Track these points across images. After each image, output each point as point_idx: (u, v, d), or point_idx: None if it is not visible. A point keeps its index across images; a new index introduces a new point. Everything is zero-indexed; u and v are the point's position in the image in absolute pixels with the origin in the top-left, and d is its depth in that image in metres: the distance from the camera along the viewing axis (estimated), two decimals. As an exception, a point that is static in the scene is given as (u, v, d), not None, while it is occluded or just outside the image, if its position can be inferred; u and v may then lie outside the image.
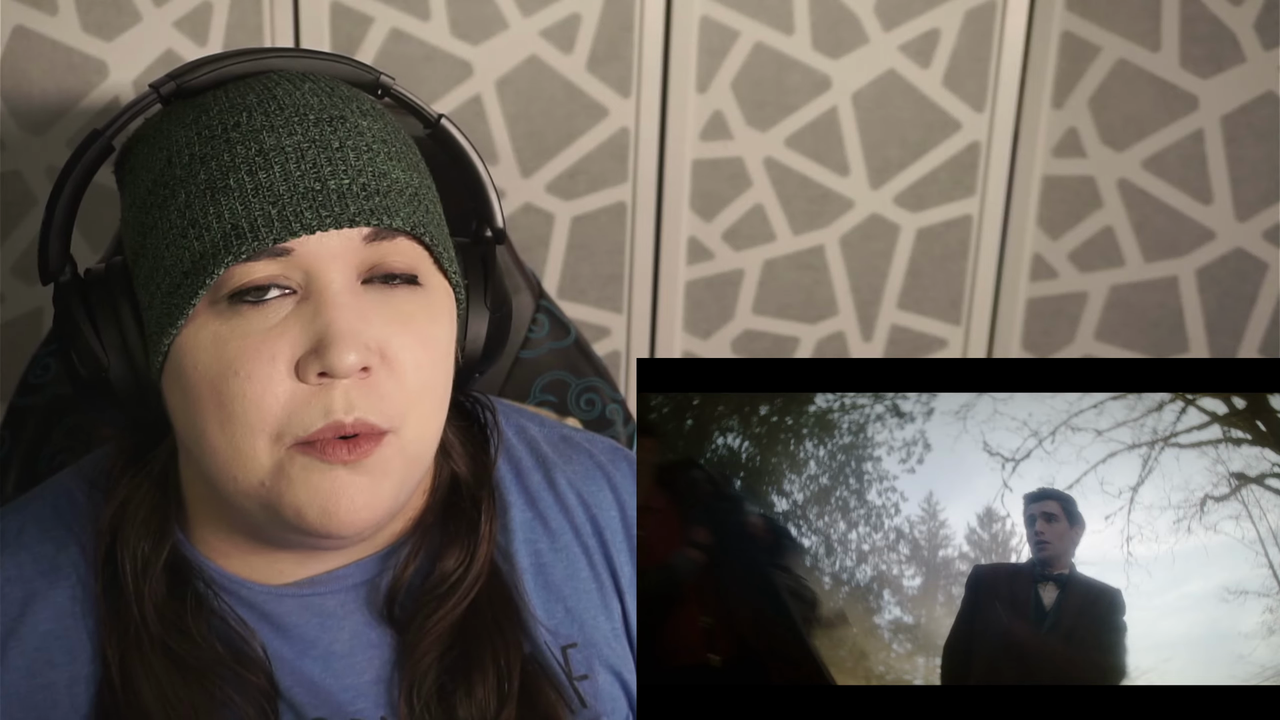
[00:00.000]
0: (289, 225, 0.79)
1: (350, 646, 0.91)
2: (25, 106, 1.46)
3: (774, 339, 1.72)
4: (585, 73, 1.57)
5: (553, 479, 0.99)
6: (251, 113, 0.82)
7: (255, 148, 0.80)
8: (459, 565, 0.91)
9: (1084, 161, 1.69)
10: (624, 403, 1.33)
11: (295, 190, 0.80)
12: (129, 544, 0.88)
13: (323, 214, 0.80)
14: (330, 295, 0.81)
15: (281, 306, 0.81)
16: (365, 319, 0.81)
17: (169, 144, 0.83)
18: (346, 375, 0.80)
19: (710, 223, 1.66)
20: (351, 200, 0.81)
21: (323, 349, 0.79)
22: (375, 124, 0.85)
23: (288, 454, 0.81)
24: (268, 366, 0.80)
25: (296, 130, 0.81)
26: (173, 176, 0.82)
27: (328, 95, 0.84)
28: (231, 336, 0.80)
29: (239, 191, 0.80)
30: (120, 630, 0.87)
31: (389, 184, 0.83)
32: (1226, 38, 1.63)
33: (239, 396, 0.80)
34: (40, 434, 1.18)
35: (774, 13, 1.59)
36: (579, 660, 0.94)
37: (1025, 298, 1.75)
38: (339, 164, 0.81)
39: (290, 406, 0.81)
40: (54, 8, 1.43)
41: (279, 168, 0.80)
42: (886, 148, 1.66)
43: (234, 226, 0.79)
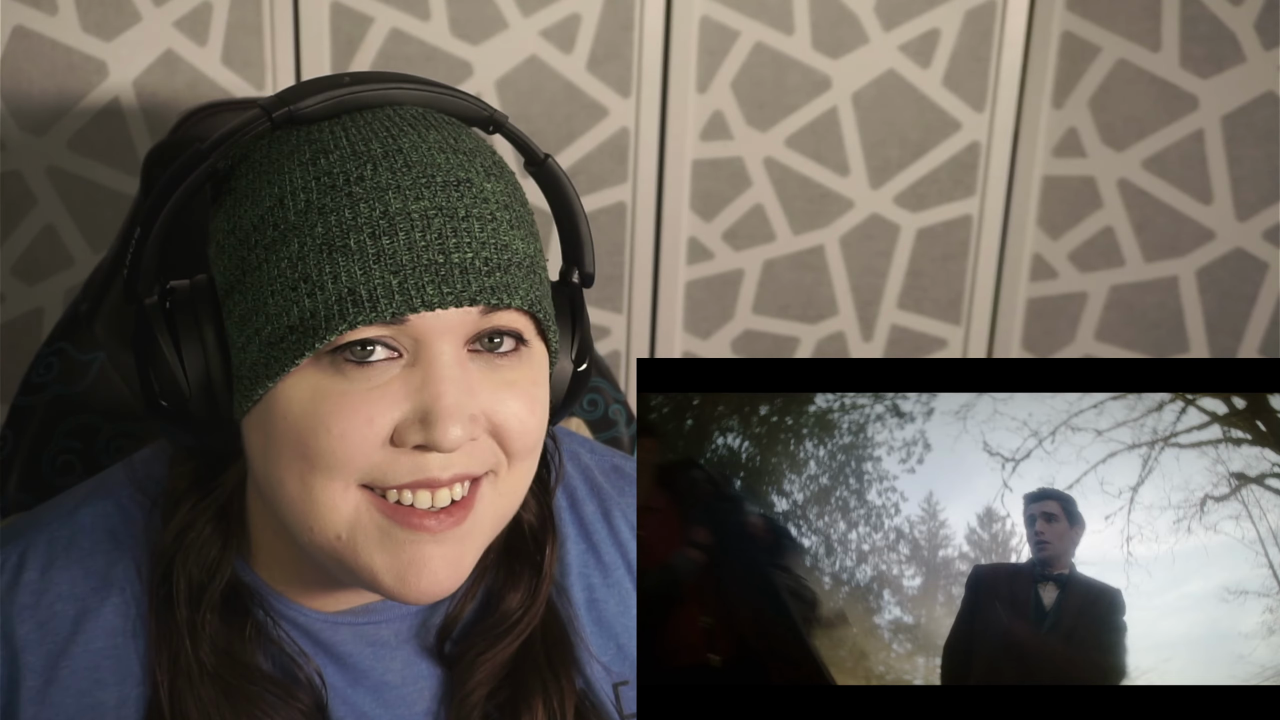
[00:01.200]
0: (409, 300, 0.76)
1: (402, 677, 0.90)
2: (25, 106, 1.46)
3: (774, 339, 1.72)
4: (585, 73, 1.57)
5: (608, 510, 0.98)
6: (377, 166, 0.78)
7: (380, 209, 0.77)
8: (521, 606, 0.90)
9: (1084, 161, 1.69)
10: (626, 403, 1.33)
11: (418, 262, 0.76)
12: (186, 571, 0.86)
13: (444, 290, 0.77)
14: (439, 367, 0.78)
15: (387, 370, 0.78)
16: (472, 392, 0.79)
17: (282, 181, 0.79)
18: (451, 449, 0.78)
19: (710, 223, 1.66)
20: (474, 277, 0.77)
21: (428, 424, 0.77)
22: (498, 186, 0.81)
23: (367, 505, 0.79)
24: (364, 428, 0.77)
25: (424, 195, 0.78)
26: (285, 220, 0.78)
27: (453, 151, 0.80)
28: (331, 392, 0.77)
29: (360, 255, 0.76)
30: (170, 656, 0.85)
31: (509, 257, 0.79)
32: (1226, 38, 1.63)
33: (326, 453, 0.78)
34: (42, 434, 1.18)
35: (774, 13, 1.59)
36: (630, 698, 0.94)
37: (1025, 298, 1.75)
38: (463, 235, 0.78)
39: (382, 464, 0.78)
40: (54, 8, 1.43)
41: (404, 235, 0.76)
42: (886, 148, 1.66)
43: (351, 291, 0.76)
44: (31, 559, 0.88)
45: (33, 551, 0.88)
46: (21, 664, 0.85)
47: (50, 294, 1.52)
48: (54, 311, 1.52)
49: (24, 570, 0.87)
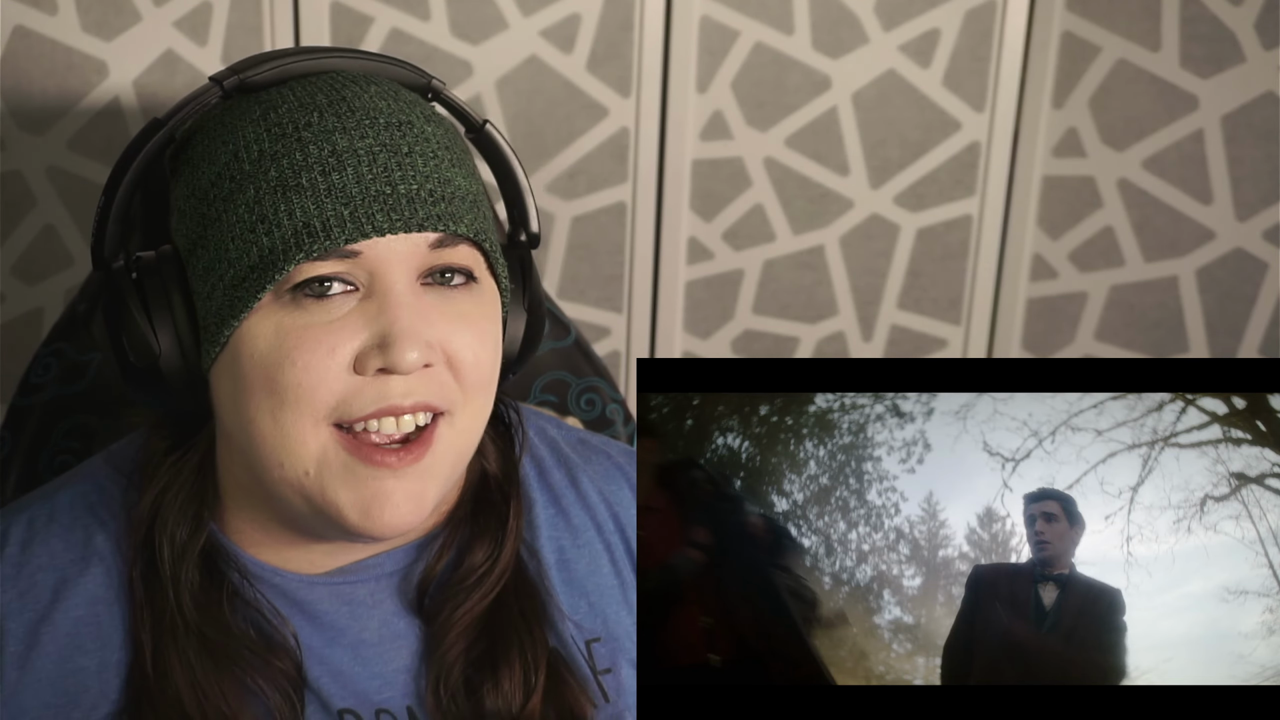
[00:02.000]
0: (360, 227, 0.81)
1: (379, 635, 0.92)
2: (25, 106, 1.45)
3: (774, 339, 1.72)
4: (585, 73, 1.57)
5: (575, 477, 1.00)
6: (323, 113, 0.83)
7: (328, 148, 0.82)
8: (487, 558, 0.93)
9: (1084, 161, 1.69)
10: (624, 403, 1.33)
11: (367, 193, 0.82)
12: (167, 530, 0.89)
13: (393, 218, 0.82)
14: (395, 295, 0.82)
15: (345, 302, 0.82)
16: (427, 319, 0.83)
17: (235, 138, 0.84)
18: (409, 371, 0.82)
19: (710, 223, 1.66)
20: (420, 205, 0.83)
21: (386, 346, 0.81)
22: (439, 130, 0.86)
23: (333, 441, 0.83)
24: (326, 359, 0.82)
25: (368, 134, 0.83)
26: (240, 171, 0.83)
27: (394, 99, 0.86)
28: (293, 326, 0.82)
29: (311, 191, 0.81)
30: (155, 616, 0.88)
31: (453, 190, 0.84)
32: (1226, 38, 1.63)
33: (293, 386, 0.82)
34: (41, 434, 1.18)
35: (774, 13, 1.59)
36: (602, 655, 0.96)
37: (1025, 298, 1.75)
38: (408, 169, 0.83)
39: (345, 395, 0.82)
40: (54, 8, 1.43)
41: (352, 170, 0.82)
42: (886, 148, 1.66)
43: (305, 225, 0.81)
44: (13, 536, 0.91)
45: (14, 529, 0.92)
46: (4, 631, 0.88)
47: (50, 294, 1.52)
48: (54, 311, 1.52)
49: (5, 546, 0.91)
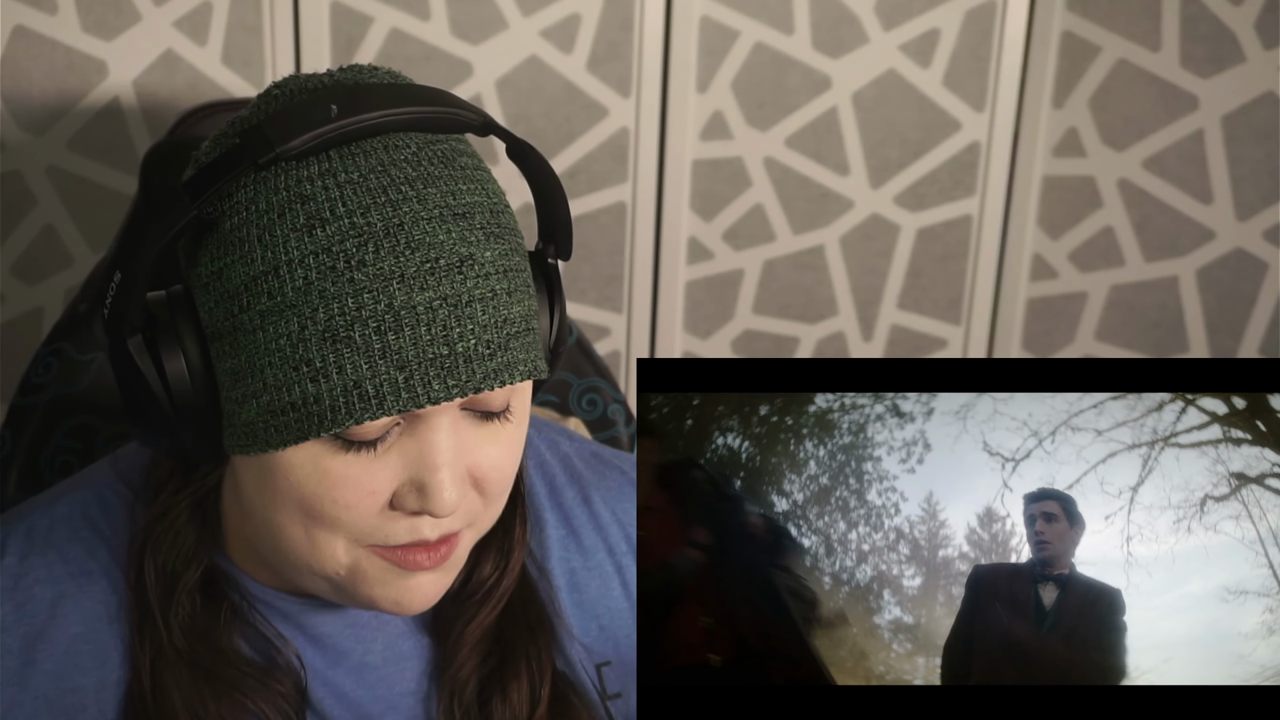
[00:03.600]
0: (415, 397, 0.76)
1: (384, 658, 0.91)
2: (25, 106, 1.45)
3: (774, 339, 1.72)
4: (585, 73, 1.57)
5: (587, 496, 0.99)
6: (379, 248, 0.76)
7: (385, 302, 0.76)
8: (494, 570, 0.92)
9: (1084, 161, 1.69)
10: (626, 403, 1.33)
11: (424, 357, 0.76)
12: (158, 559, 0.87)
13: (449, 384, 0.77)
14: (439, 440, 0.79)
15: (388, 439, 0.79)
16: (464, 453, 0.80)
17: (275, 246, 0.76)
18: (447, 515, 0.80)
19: (710, 223, 1.66)
20: (478, 364, 0.78)
21: (427, 493, 0.79)
22: (498, 249, 0.80)
23: (366, 554, 0.81)
24: (366, 499, 0.79)
25: (429, 284, 0.77)
26: (282, 294, 0.76)
27: (454, 219, 0.78)
28: (334, 466, 0.78)
29: (365, 350, 0.76)
30: (151, 638, 0.87)
31: (508, 331, 0.79)
32: (1226, 38, 1.63)
33: (330, 518, 0.80)
34: (41, 434, 1.18)
35: (774, 13, 1.59)
36: (613, 679, 0.95)
37: (1025, 298, 1.75)
38: (466, 323, 0.77)
39: (381, 527, 0.80)
40: (54, 8, 1.43)
41: (409, 330, 0.76)
42: (886, 148, 1.65)
43: (356, 385, 0.76)
44: (11, 546, 0.89)
45: (12, 539, 0.90)
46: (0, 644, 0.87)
47: (50, 294, 1.52)
48: (54, 311, 1.52)
49: (4, 556, 0.89)
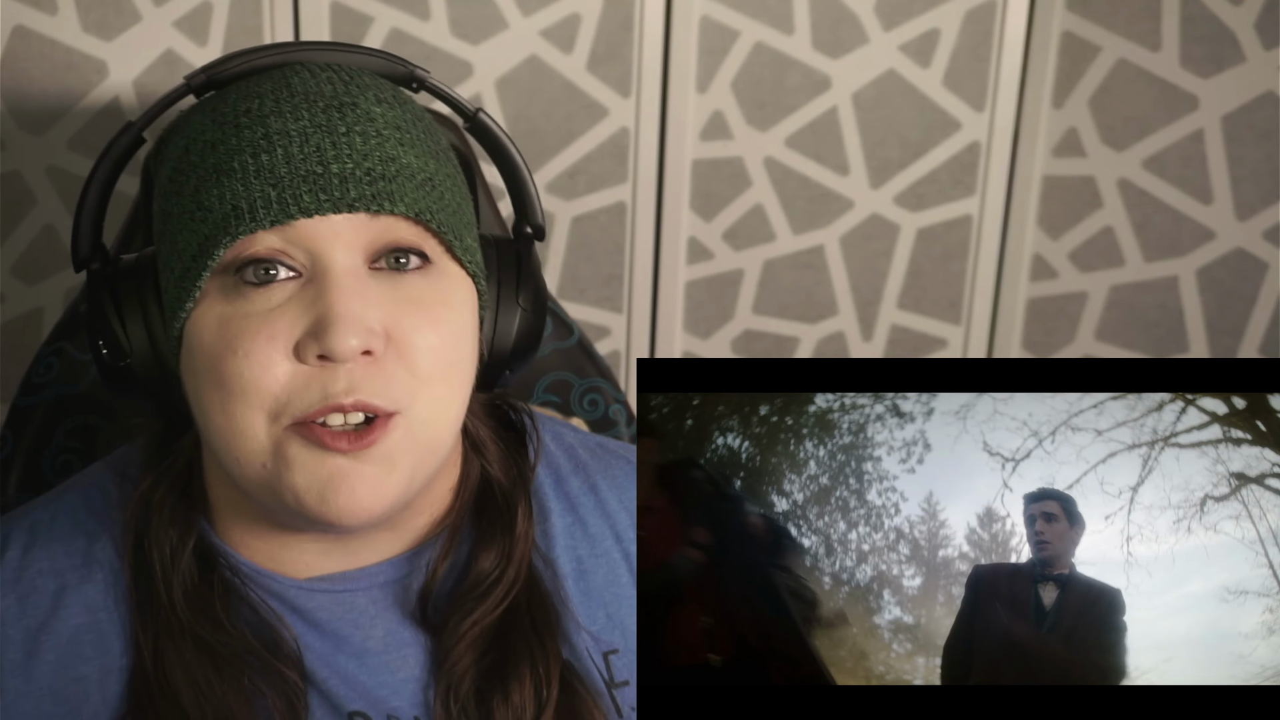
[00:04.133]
0: (286, 208, 0.79)
1: (384, 644, 0.90)
2: (25, 106, 1.46)
3: (774, 339, 1.72)
4: (585, 73, 1.57)
5: (593, 484, 0.98)
6: (263, 99, 0.83)
7: (260, 131, 0.81)
8: (495, 567, 0.91)
9: (1084, 161, 1.69)
10: (627, 403, 1.33)
11: (295, 173, 0.80)
12: (156, 532, 0.88)
13: (321, 198, 0.80)
14: (332, 277, 0.80)
15: (285, 289, 0.81)
16: (369, 302, 0.81)
17: (188, 132, 0.84)
18: (346, 359, 0.80)
19: (710, 223, 1.66)
20: (353, 185, 0.81)
21: (321, 331, 0.79)
22: (391, 111, 0.84)
23: (285, 434, 0.81)
24: (266, 346, 0.80)
25: (303, 115, 0.82)
26: (188, 163, 0.83)
27: (344, 83, 0.84)
28: (234, 315, 0.81)
29: (241, 174, 0.80)
30: (153, 617, 0.87)
31: (396, 169, 0.82)
32: (1226, 38, 1.63)
33: (237, 375, 0.80)
34: (43, 434, 1.18)
35: (774, 13, 1.59)
36: (620, 666, 0.94)
37: (1025, 298, 1.75)
38: (343, 148, 0.81)
39: (289, 387, 0.80)
40: (54, 8, 1.43)
41: (281, 150, 0.80)
42: (886, 148, 1.66)
43: (234, 208, 0.80)
44: (14, 540, 0.91)
45: (15, 534, 0.91)
46: (4, 638, 0.87)
47: (50, 294, 1.52)
48: (54, 311, 1.52)
49: (7, 550, 0.90)
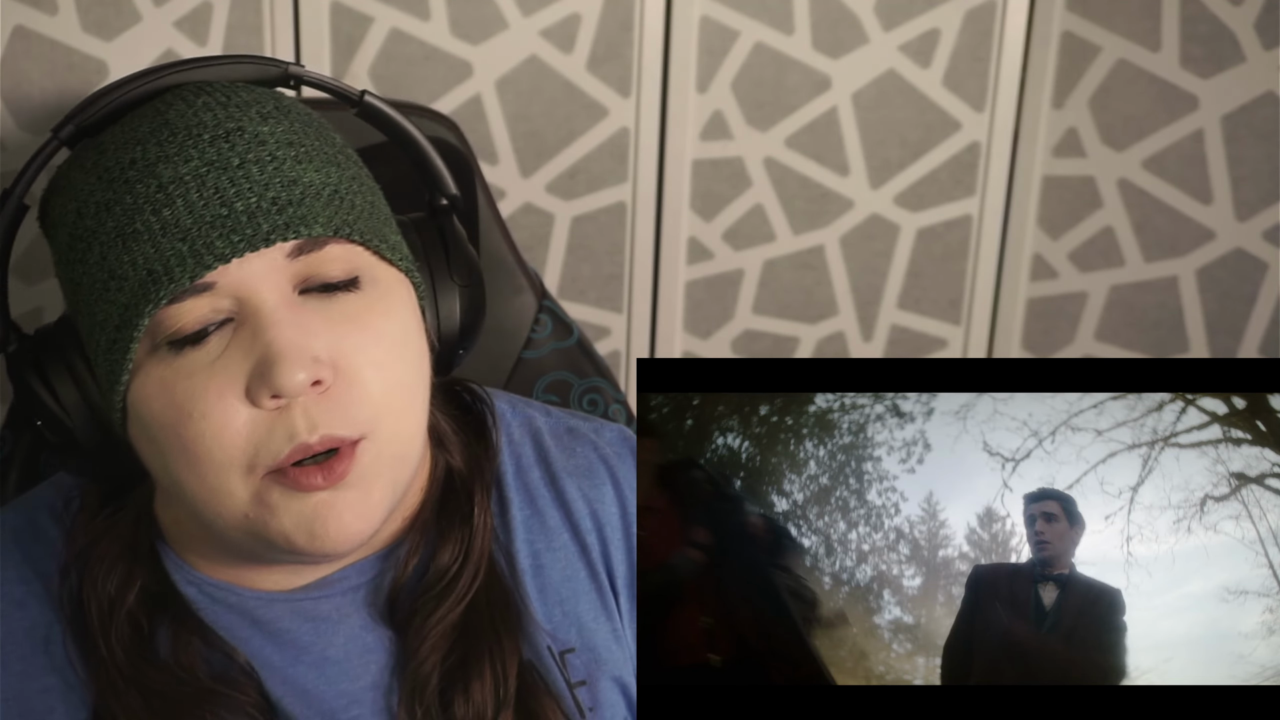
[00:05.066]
0: (201, 259, 0.76)
1: (345, 652, 0.88)
2: (25, 106, 1.45)
3: (774, 339, 1.72)
4: (585, 73, 1.57)
5: (553, 474, 0.96)
6: (145, 145, 0.78)
7: (154, 184, 0.77)
8: (454, 560, 0.89)
9: (1084, 161, 1.69)
10: (627, 403, 1.33)
11: (201, 221, 0.76)
12: (95, 585, 0.86)
13: (234, 239, 0.76)
14: (265, 315, 0.77)
15: (221, 338, 0.78)
16: (308, 331, 0.78)
17: (76, 194, 0.80)
18: (297, 394, 0.77)
19: (710, 223, 1.66)
20: (264, 218, 0.77)
21: (267, 371, 0.76)
22: (279, 127, 0.81)
23: (264, 484, 0.79)
24: (219, 402, 0.77)
25: (192, 155, 0.77)
26: (85, 229, 0.79)
27: (222, 106, 0.80)
28: (177, 379, 0.78)
29: (147, 234, 0.76)
30: (93, 668, 0.85)
31: (301, 190, 0.79)
32: (1226, 38, 1.63)
33: (200, 437, 0.78)
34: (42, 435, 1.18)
35: (774, 13, 1.59)
36: (578, 666, 0.93)
37: (1025, 298, 1.75)
38: (242, 182, 0.77)
39: (254, 436, 0.78)
40: (54, 8, 1.43)
41: (181, 200, 0.76)
42: (886, 148, 1.66)
43: (149, 272, 0.76)
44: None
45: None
46: None
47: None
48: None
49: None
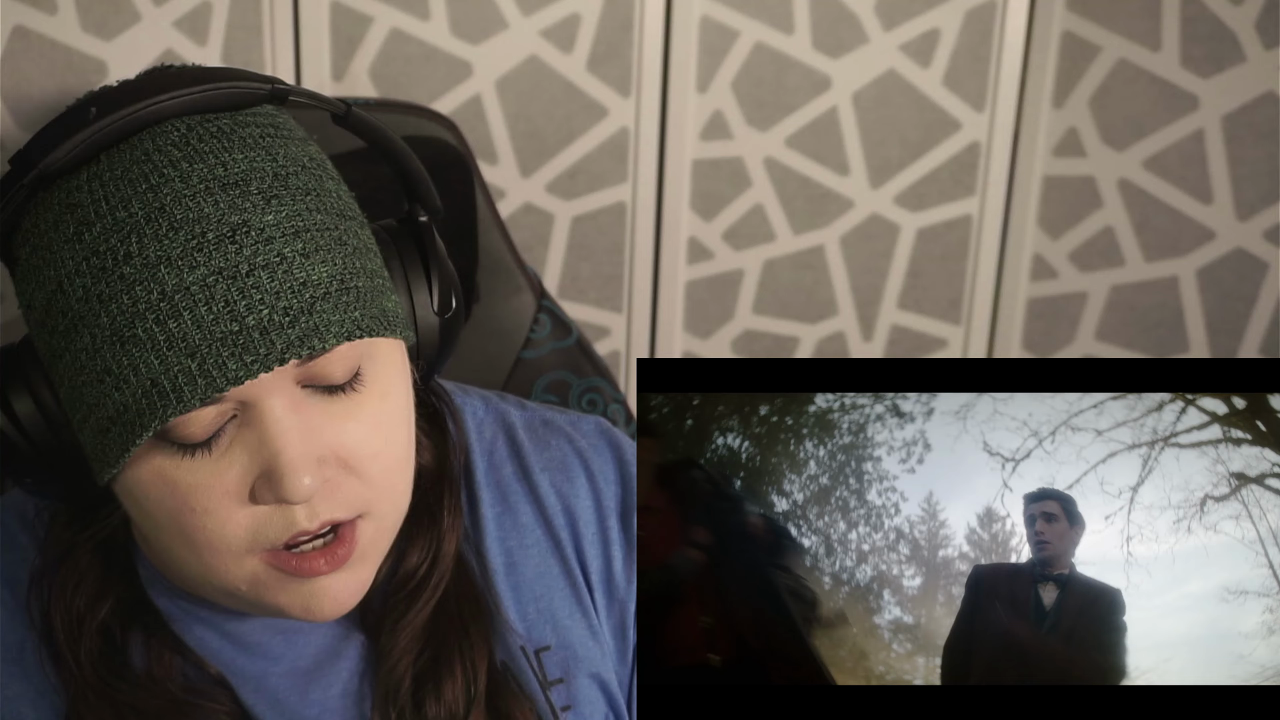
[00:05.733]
0: (213, 382, 0.72)
1: (317, 661, 0.88)
2: (25, 106, 1.45)
3: (774, 339, 1.72)
4: (585, 73, 1.57)
5: (526, 469, 0.95)
6: (142, 236, 0.73)
7: (157, 290, 0.72)
8: (422, 562, 0.89)
9: (1084, 161, 1.69)
10: (626, 403, 1.33)
11: (211, 337, 0.72)
12: (64, 599, 0.85)
13: (248, 360, 0.73)
14: (272, 423, 0.75)
15: (224, 436, 0.76)
16: (312, 434, 0.76)
17: (55, 263, 0.75)
18: (305, 500, 0.76)
19: (710, 223, 1.66)
20: (276, 334, 0.73)
21: (275, 480, 0.75)
22: (281, 212, 0.75)
23: (261, 565, 0.79)
24: (223, 500, 0.76)
25: (199, 261, 0.72)
26: (70, 309, 0.74)
27: (222, 188, 0.74)
28: (179, 475, 0.76)
29: (150, 343, 0.72)
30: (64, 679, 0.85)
31: (311, 294, 0.75)
32: (1226, 38, 1.63)
33: (201, 529, 0.77)
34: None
35: (774, 13, 1.59)
36: (553, 664, 0.92)
37: (1025, 298, 1.75)
38: (253, 293, 0.73)
39: (253, 527, 0.77)
40: (54, 8, 1.43)
41: (189, 314, 0.72)
42: (886, 148, 1.66)
43: (154, 384, 0.73)
44: None
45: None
46: None
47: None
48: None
49: None
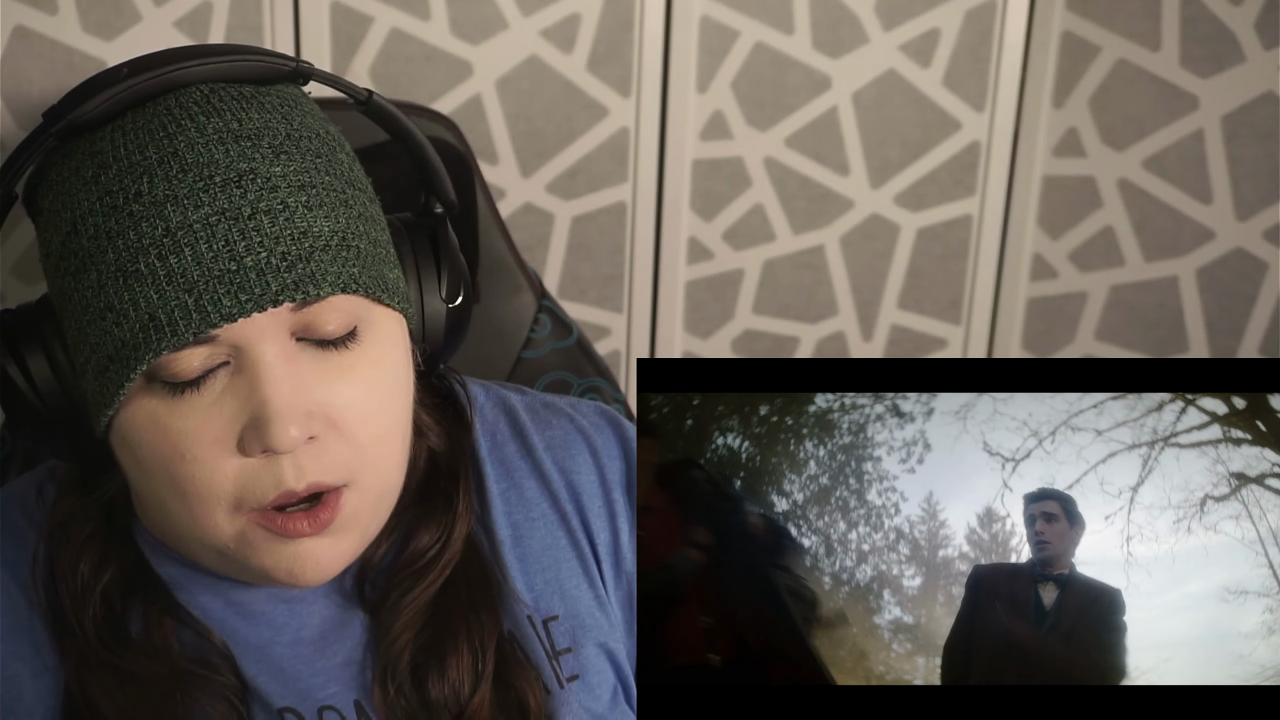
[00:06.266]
0: (208, 317, 0.75)
1: (319, 631, 0.89)
2: (25, 106, 1.45)
3: (774, 339, 1.72)
4: (585, 73, 1.57)
5: (529, 445, 0.97)
6: (153, 177, 0.75)
7: (161, 226, 0.75)
8: (434, 542, 0.90)
9: (1084, 161, 1.69)
10: (626, 402, 1.33)
11: (209, 274, 0.75)
12: (68, 566, 0.86)
13: (242, 299, 0.75)
14: (262, 370, 0.77)
15: (216, 381, 0.78)
16: (302, 387, 0.78)
17: (72, 205, 0.78)
18: (290, 450, 0.77)
19: (710, 223, 1.66)
20: (272, 277, 0.75)
21: (262, 427, 0.76)
22: (290, 166, 0.78)
23: (248, 524, 0.80)
24: (213, 448, 0.78)
25: (203, 201, 0.75)
26: (81, 248, 0.77)
27: (235, 139, 0.77)
28: (171, 419, 0.78)
29: (151, 278, 0.75)
30: (65, 652, 0.85)
31: (310, 244, 0.77)
32: (1226, 38, 1.63)
33: (189, 478, 0.78)
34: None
35: (774, 13, 1.59)
36: (561, 633, 0.93)
37: (1025, 298, 1.75)
38: (252, 235, 0.75)
39: (241, 480, 0.79)
40: (54, 8, 1.43)
41: (189, 250, 0.74)
42: (886, 148, 1.66)
43: (151, 318, 0.75)
44: None
45: None
46: None
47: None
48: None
49: None
